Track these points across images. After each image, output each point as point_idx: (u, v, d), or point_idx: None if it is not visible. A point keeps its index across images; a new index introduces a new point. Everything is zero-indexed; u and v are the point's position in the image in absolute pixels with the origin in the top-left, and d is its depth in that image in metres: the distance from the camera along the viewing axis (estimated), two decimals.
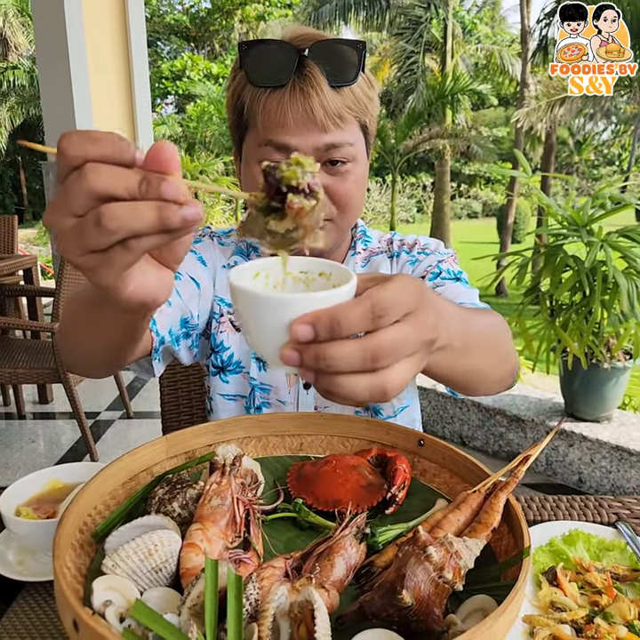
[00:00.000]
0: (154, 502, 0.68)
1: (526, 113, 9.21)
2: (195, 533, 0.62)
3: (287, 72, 0.87)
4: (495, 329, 0.80)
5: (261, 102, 0.89)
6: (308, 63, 0.87)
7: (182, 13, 25.94)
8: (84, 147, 0.39)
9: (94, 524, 0.67)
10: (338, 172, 0.93)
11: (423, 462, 0.83)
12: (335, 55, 0.88)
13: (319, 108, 0.86)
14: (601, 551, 0.81)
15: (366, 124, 0.97)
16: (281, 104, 0.87)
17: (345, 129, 0.91)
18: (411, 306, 0.47)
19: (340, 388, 0.45)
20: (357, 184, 0.96)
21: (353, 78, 0.89)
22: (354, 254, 1.11)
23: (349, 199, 0.95)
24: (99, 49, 4.69)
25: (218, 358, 1.07)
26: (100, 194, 0.39)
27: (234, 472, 0.70)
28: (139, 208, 0.39)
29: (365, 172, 0.99)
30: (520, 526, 0.61)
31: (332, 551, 0.62)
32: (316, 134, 0.89)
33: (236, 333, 1.07)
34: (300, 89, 0.86)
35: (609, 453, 2.75)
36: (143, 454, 0.77)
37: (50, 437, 3.40)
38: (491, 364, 0.76)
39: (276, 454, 0.88)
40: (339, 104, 0.88)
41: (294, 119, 0.87)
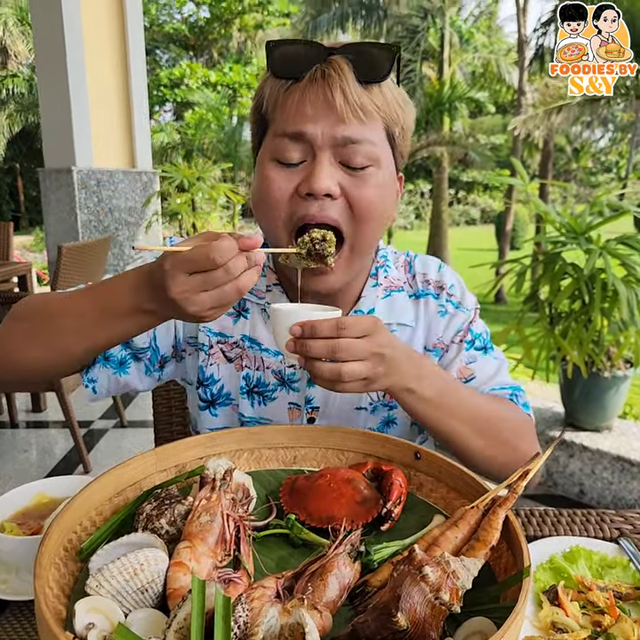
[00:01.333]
0: (141, 519, 0.66)
1: (523, 120, 9.23)
2: (182, 552, 0.59)
3: (311, 65, 0.81)
4: (498, 414, 0.92)
5: (280, 93, 0.83)
6: (336, 57, 0.81)
7: (181, 22, 26.04)
8: (225, 255, 0.66)
9: (79, 541, 0.64)
10: (356, 174, 0.84)
11: (420, 476, 0.81)
12: (366, 53, 0.82)
13: (339, 93, 0.79)
14: (603, 568, 0.78)
15: (394, 135, 0.87)
16: (299, 92, 0.81)
17: (367, 125, 0.82)
18: (367, 330, 0.75)
19: (313, 367, 0.75)
20: (379, 191, 0.85)
21: (383, 76, 0.82)
22: (375, 285, 1.00)
23: (369, 206, 0.84)
24: (97, 57, 4.70)
25: (207, 392, 1.01)
26: (236, 276, 0.68)
27: (224, 487, 0.68)
28: (251, 275, 0.70)
29: (390, 186, 0.89)
30: (519, 545, 0.59)
31: (325, 570, 0.60)
32: (333, 123, 0.80)
33: (227, 364, 1.00)
34: (321, 74, 0.80)
35: (610, 464, 2.73)
36: (132, 468, 0.75)
37: (42, 447, 3.36)
38: (478, 440, 0.87)
39: (269, 467, 0.86)
40: (363, 96, 0.81)
41: (312, 105, 0.80)
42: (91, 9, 4.56)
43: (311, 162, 0.82)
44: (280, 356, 0.98)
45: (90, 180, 4.72)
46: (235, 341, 0.99)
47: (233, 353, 0.99)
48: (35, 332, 0.84)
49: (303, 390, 0.98)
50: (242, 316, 0.99)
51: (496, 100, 21.44)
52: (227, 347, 1.00)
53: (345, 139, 0.81)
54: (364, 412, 0.99)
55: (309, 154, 0.82)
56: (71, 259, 2.82)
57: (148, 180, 5.16)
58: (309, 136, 0.81)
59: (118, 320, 0.78)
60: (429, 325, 1.02)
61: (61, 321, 0.82)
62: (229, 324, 1.00)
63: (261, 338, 0.98)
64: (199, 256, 0.67)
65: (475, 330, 1.03)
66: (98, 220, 4.84)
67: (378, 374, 0.77)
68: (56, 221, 4.84)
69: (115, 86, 4.93)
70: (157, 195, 5.13)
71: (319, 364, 0.74)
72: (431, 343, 1.02)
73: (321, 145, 0.81)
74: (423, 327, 1.02)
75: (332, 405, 0.99)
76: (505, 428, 0.92)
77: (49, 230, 4.93)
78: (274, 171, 0.84)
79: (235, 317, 1.00)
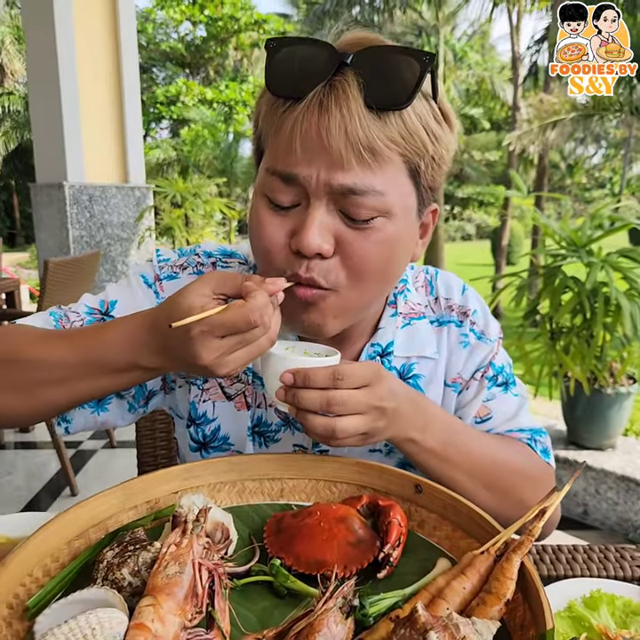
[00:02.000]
0: (101, 567, 0.57)
1: (518, 136, 9.26)
2: (144, 610, 0.50)
3: (315, 81, 0.64)
4: (511, 467, 0.82)
5: (276, 116, 0.67)
6: (346, 72, 0.64)
7: (178, 41, 26.30)
8: (265, 313, 0.63)
9: (28, 595, 0.55)
10: (360, 227, 0.68)
11: (421, 512, 0.72)
12: (384, 64, 0.64)
13: (338, 131, 0.62)
14: (628, 615, 0.69)
15: (418, 170, 0.69)
16: (292, 121, 0.65)
17: (375, 170, 0.65)
18: (366, 380, 0.67)
19: (305, 420, 0.68)
20: (386, 247, 0.69)
21: (405, 100, 0.63)
22: (394, 314, 0.86)
23: (368, 266, 0.69)
24: (89, 73, 4.68)
25: (199, 432, 0.88)
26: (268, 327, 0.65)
27: (197, 530, 0.59)
28: (277, 318, 0.67)
29: (406, 232, 0.72)
30: (539, 600, 0.50)
31: (312, 630, 0.51)
32: (330, 168, 0.64)
33: (225, 402, 0.87)
34: (319, 102, 0.63)
35: (615, 484, 2.64)
36: (96, 505, 0.66)
37: (28, 469, 3.25)
38: (485, 493, 0.78)
39: (253, 502, 0.77)
40: (374, 131, 0.63)
41: (303, 142, 0.64)
42: (84, 25, 4.54)
43: (305, 208, 0.68)
44: None
45: (82, 196, 4.66)
46: (237, 375, 0.86)
47: (233, 389, 0.87)
48: (12, 381, 0.73)
49: None
50: None
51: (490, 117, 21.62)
52: (226, 382, 0.87)
53: (344, 188, 0.65)
54: (378, 453, 0.89)
55: (304, 197, 0.68)
56: (59, 274, 2.75)
57: (141, 195, 5.10)
58: (302, 180, 0.66)
59: (109, 375, 0.71)
60: (450, 357, 0.89)
61: (41, 372, 0.71)
62: None
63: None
64: (238, 320, 0.62)
65: (497, 363, 0.90)
66: (90, 235, 4.77)
67: (377, 429, 0.69)
68: (47, 237, 4.77)
69: (107, 101, 4.89)
70: (150, 210, 5.08)
71: (312, 417, 0.67)
72: (450, 378, 0.90)
73: (315, 191, 0.66)
74: (445, 360, 0.89)
75: (342, 449, 0.83)
76: (517, 483, 0.82)
77: (40, 246, 4.86)
78: (266, 213, 0.71)
79: None
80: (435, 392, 0.89)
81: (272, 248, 0.70)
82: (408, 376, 0.88)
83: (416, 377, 0.88)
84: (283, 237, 0.69)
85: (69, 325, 0.82)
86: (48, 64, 4.41)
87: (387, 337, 0.86)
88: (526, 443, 0.88)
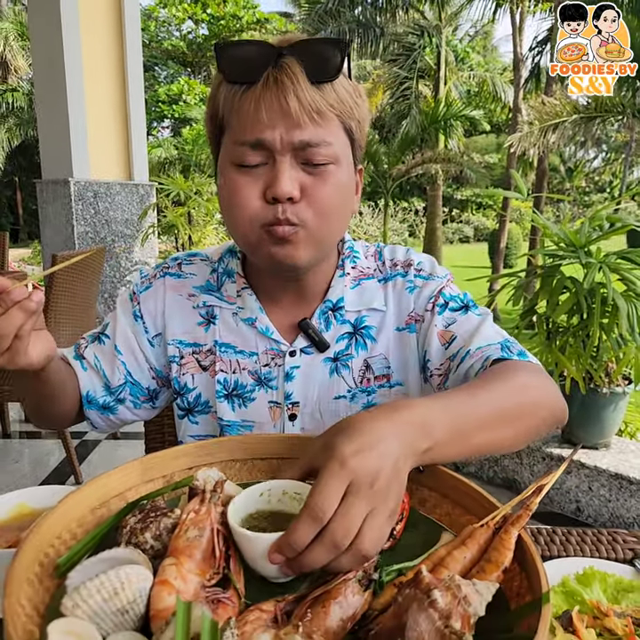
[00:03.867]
0: (124, 532, 0.61)
1: (519, 138, 9.30)
2: (168, 569, 0.54)
3: (263, 68, 0.81)
4: (505, 393, 0.76)
5: (235, 100, 0.83)
6: (287, 58, 0.81)
7: (179, 39, 26.32)
8: None
9: (57, 555, 0.59)
10: (316, 172, 0.85)
11: (423, 491, 0.76)
12: (315, 52, 0.82)
13: (294, 98, 0.79)
14: (619, 592, 0.73)
15: (352, 129, 0.89)
16: (254, 98, 0.81)
17: (323, 126, 0.83)
18: (340, 488, 0.54)
19: (335, 568, 0.55)
20: (339, 189, 0.86)
21: (334, 74, 0.82)
22: (342, 275, 1.01)
23: (327, 204, 0.86)
24: (94, 70, 4.72)
25: (184, 400, 1.03)
26: None
27: (214, 499, 0.63)
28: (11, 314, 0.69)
29: (350, 181, 0.90)
30: (535, 567, 0.54)
31: (328, 597, 0.54)
32: (290, 129, 0.81)
33: (202, 373, 1.00)
34: (274, 80, 0.80)
35: (608, 481, 2.68)
36: (116, 478, 0.70)
37: (34, 457, 3.30)
38: (509, 431, 0.75)
39: (263, 479, 0.81)
40: (317, 98, 0.81)
41: (267, 112, 0.80)
42: (89, 23, 4.58)
43: (272, 166, 0.83)
44: (255, 356, 0.99)
45: (87, 192, 4.70)
46: (208, 349, 1.00)
47: (207, 361, 1.01)
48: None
49: (281, 387, 0.98)
50: (211, 324, 1.00)
51: (490, 119, 21.67)
52: (201, 356, 1.01)
53: (303, 143, 0.82)
54: (342, 400, 0.98)
55: (270, 158, 0.83)
56: (66, 268, 2.78)
57: (144, 192, 5.14)
58: (268, 143, 0.82)
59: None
60: (399, 304, 1.00)
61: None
62: (201, 333, 1.01)
63: (235, 341, 0.99)
64: None
65: (447, 293, 0.99)
66: (95, 231, 4.81)
67: (388, 499, 0.57)
68: (53, 233, 4.81)
69: (112, 98, 4.93)
70: (154, 207, 5.11)
71: (333, 567, 0.55)
72: (403, 321, 1.00)
73: (280, 150, 0.82)
74: (393, 308, 1.00)
75: (310, 398, 0.98)
76: (525, 403, 0.79)
77: (45, 242, 4.90)
78: (237, 175, 0.85)
79: (205, 326, 1.01)
80: (384, 339, 0.99)
81: (248, 202, 0.84)
82: (360, 327, 1.00)
83: (367, 328, 1.00)
84: (256, 192, 0.84)
85: (83, 350, 1.03)
86: (54, 61, 4.44)
87: (336, 294, 0.99)
88: (501, 354, 0.87)
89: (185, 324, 1.01)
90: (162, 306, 1.02)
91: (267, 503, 0.67)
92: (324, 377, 0.98)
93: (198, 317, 1.01)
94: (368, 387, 0.99)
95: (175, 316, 1.02)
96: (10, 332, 0.68)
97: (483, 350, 0.89)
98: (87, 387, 1.00)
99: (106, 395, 1.01)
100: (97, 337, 1.04)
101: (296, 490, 0.67)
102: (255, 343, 0.99)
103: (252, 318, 0.98)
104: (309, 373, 0.98)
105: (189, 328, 1.01)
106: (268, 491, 0.68)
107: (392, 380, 0.99)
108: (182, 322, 1.01)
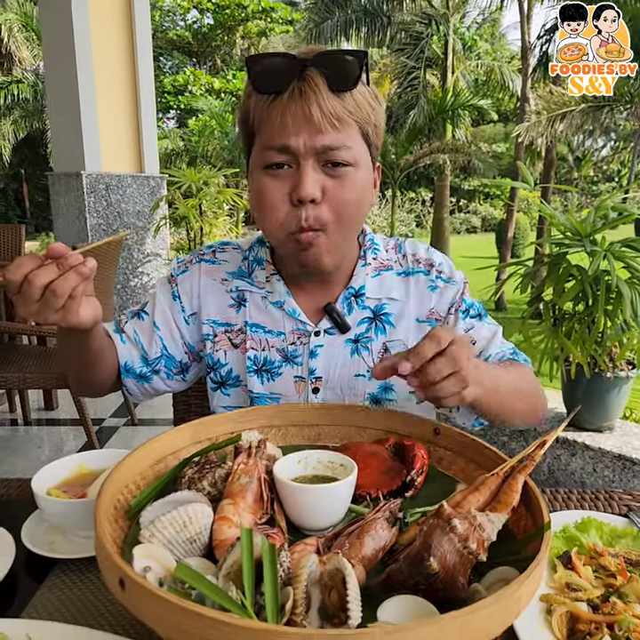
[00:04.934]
0: (184, 481, 0.71)
1: (527, 127, 9.30)
2: (227, 507, 0.64)
3: (289, 79, 0.90)
4: (520, 378, 1.02)
5: (264, 109, 0.92)
6: (310, 70, 0.90)
7: (185, 29, 26.27)
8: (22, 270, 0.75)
9: (127, 501, 0.69)
10: (336, 175, 0.93)
11: (439, 451, 0.85)
12: (336, 63, 0.90)
13: (316, 107, 0.88)
14: (613, 538, 0.83)
15: (368, 134, 0.97)
16: (281, 107, 0.90)
17: (343, 132, 0.91)
18: (449, 338, 0.74)
19: (441, 390, 0.74)
20: (356, 191, 0.95)
21: (353, 84, 0.91)
22: (364, 265, 1.10)
23: (345, 205, 0.94)
24: (105, 62, 4.78)
25: (217, 374, 1.13)
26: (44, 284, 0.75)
27: (259, 454, 0.73)
28: (67, 276, 0.76)
29: (367, 181, 0.99)
30: (539, 504, 0.63)
31: (362, 531, 0.64)
32: (313, 135, 0.90)
33: (233, 350, 1.11)
34: (299, 92, 0.89)
35: (611, 462, 2.77)
36: (170, 439, 0.80)
37: (55, 443, 3.42)
38: (517, 403, 0.98)
39: (295, 443, 0.91)
40: (337, 106, 0.89)
41: (293, 120, 0.89)
42: (99, 14, 4.64)
43: (297, 169, 0.92)
44: (282, 335, 1.09)
45: (99, 185, 4.79)
46: (239, 328, 1.10)
47: (238, 339, 1.10)
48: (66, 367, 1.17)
49: (306, 363, 1.08)
50: (242, 306, 1.11)
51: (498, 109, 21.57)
52: (233, 334, 1.11)
53: (324, 147, 0.91)
54: (362, 378, 1.08)
55: (294, 162, 0.92)
56: None
57: (155, 184, 5.23)
58: (293, 148, 0.90)
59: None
60: (421, 299, 1.11)
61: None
62: (233, 314, 1.11)
63: (264, 322, 1.09)
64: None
65: (467, 300, 1.13)
66: (107, 223, 4.90)
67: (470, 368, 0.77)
68: (65, 225, 4.90)
69: (123, 91, 5.00)
70: (166, 199, 5.19)
71: (444, 384, 0.74)
72: (424, 315, 1.11)
73: (304, 154, 0.91)
74: (415, 301, 1.10)
75: (333, 374, 1.08)
76: (531, 389, 1.05)
77: (58, 234, 4.99)
78: (266, 179, 0.94)
79: (236, 308, 1.11)
80: (404, 326, 1.09)
81: (276, 204, 0.93)
82: (380, 313, 1.09)
83: (387, 314, 1.09)
84: (284, 194, 0.93)
85: (123, 324, 1.13)
86: (65, 54, 4.50)
87: (358, 282, 1.09)
88: (510, 357, 1.11)
89: (218, 305, 1.12)
90: (197, 288, 1.12)
91: (304, 470, 0.79)
92: (345, 356, 1.08)
93: (230, 300, 1.11)
94: None
95: (209, 298, 1.12)
96: (65, 292, 0.76)
97: (498, 353, 1.09)
98: (125, 357, 1.10)
99: (143, 365, 1.11)
100: (136, 314, 1.14)
101: (330, 459, 0.79)
102: (283, 324, 1.08)
103: (280, 301, 1.08)
104: (332, 352, 1.07)
105: (222, 309, 1.11)
106: (305, 459, 0.79)
107: None
108: (216, 304, 1.12)
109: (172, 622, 0.46)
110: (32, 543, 0.77)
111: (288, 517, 0.71)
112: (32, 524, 0.82)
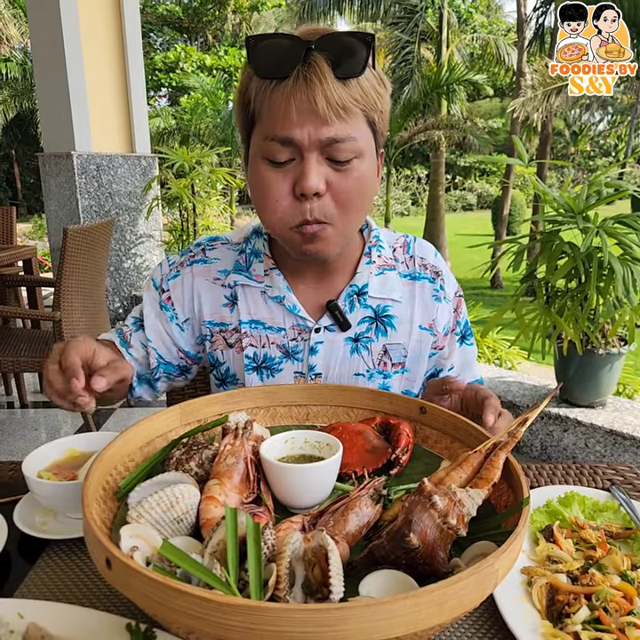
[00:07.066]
0: (171, 463, 0.72)
1: (522, 102, 9.21)
2: (213, 487, 0.65)
3: (293, 64, 0.84)
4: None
5: (267, 95, 0.86)
6: (315, 55, 0.84)
7: (175, 4, 25.74)
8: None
9: (116, 482, 0.70)
10: (341, 168, 0.89)
11: (425, 429, 0.87)
12: (342, 47, 0.85)
13: (322, 97, 0.83)
14: (595, 512, 0.85)
15: (374, 121, 0.92)
16: (285, 95, 0.84)
17: (349, 122, 0.87)
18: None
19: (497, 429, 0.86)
20: (361, 182, 0.91)
21: (360, 70, 0.85)
22: (369, 262, 1.08)
23: (350, 197, 0.90)
24: (93, 41, 4.69)
25: (218, 372, 1.13)
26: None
27: (246, 435, 0.74)
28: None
29: (372, 171, 0.94)
30: (519, 480, 0.65)
31: (346, 508, 0.66)
32: (318, 127, 0.85)
33: (228, 349, 1.10)
34: (303, 78, 0.83)
35: (603, 438, 2.80)
36: (158, 421, 0.81)
37: (52, 426, 3.44)
38: None
39: (284, 424, 0.92)
40: (343, 95, 0.84)
41: (297, 110, 0.84)
42: None
43: (300, 162, 0.88)
44: (283, 331, 1.06)
45: (89, 165, 4.73)
46: (234, 327, 1.08)
47: (233, 339, 1.09)
48: None
49: (306, 359, 1.07)
50: (235, 305, 1.08)
51: (494, 83, 21.31)
52: (227, 334, 1.09)
53: (330, 140, 0.86)
54: (361, 377, 1.08)
55: (298, 154, 0.88)
56: (77, 242, 2.86)
57: (147, 164, 5.17)
58: (297, 141, 0.86)
59: None
60: (426, 307, 1.10)
61: None
62: (227, 313, 1.09)
63: (264, 318, 1.07)
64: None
65: (461, 321, 1.17)
66: (99, 204, 4.85)
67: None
68: (57, 207, 4.86)
69: (112, 69, 4.92)
70: (158, 180, 5.14)
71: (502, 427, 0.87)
72: (427, 323, 1.10)
73: (308, 147, 0.86)
74: (420, 308, 1.10)
75: (332, 371, 1.07)
76: None
77: (50, 215, 4.95)
78: (268, 171, 0.90)
79: (230, 307, 1.09)
80: (406, 331, 1.09)
81: (279, 197, 0.90)
82: (382, 315, 1.08)
83: (390, 317, 1.08)
84: (286, 188, 0.89)
85: (128, 337, 1.11)
86: (52, 31, 4.41)
87: (362, 280, 1.07)
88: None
89: (212, 305, 1.09)
90: (190, 292, 1.09)
91: (290, 449, 0.80)
92: (345, 354, 1.06)
93: (223, 300, 1.08)
94: (385, 370, 1.09)
95: (204, 299, 1.09)
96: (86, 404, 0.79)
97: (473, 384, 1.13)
98: (135, 368, 1.11)
99: (146, 374, 1.13)
100: (136, 324, 1.13)
101: (317, 439, 0.80)
102: (283, 319, 1.06)
103: (280, 296, 1.05)
104: (331, 349, 1.06)
105: (216, 309, 1.09)
106: (292, 439, 0.80)
107: (405, 367, 1.10)
108: (210, 304, 1.09)
109: (156, 600, 0.47)
110: (24, 524, 0.79)
111: (275, 496, 0.72)
112: (24, 505, 0.83)
